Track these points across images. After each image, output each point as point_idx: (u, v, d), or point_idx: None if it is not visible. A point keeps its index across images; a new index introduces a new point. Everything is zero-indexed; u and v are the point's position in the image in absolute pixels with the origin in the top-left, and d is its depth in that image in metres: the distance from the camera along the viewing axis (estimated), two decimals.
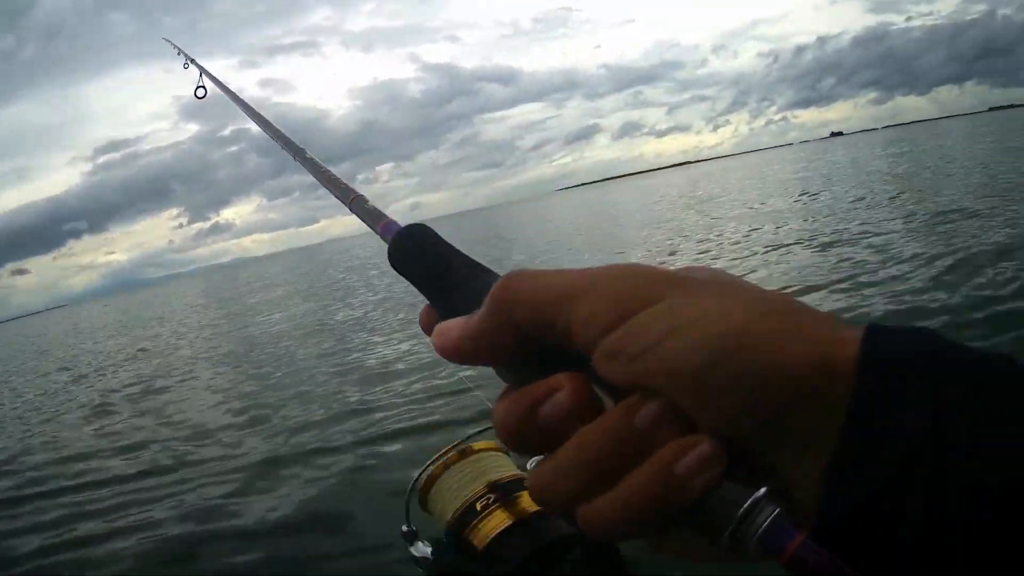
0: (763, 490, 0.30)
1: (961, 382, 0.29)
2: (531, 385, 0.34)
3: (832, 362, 0.30)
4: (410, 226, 0.49)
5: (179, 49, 1.76)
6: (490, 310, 0.36)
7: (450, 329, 0.38)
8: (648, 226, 18.69)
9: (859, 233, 9.11)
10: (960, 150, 25.42)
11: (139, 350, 14.77)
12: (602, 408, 0.33)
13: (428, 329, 0.42)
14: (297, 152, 0.78)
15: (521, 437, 0.34)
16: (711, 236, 12.82)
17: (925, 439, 0.28)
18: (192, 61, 1.63)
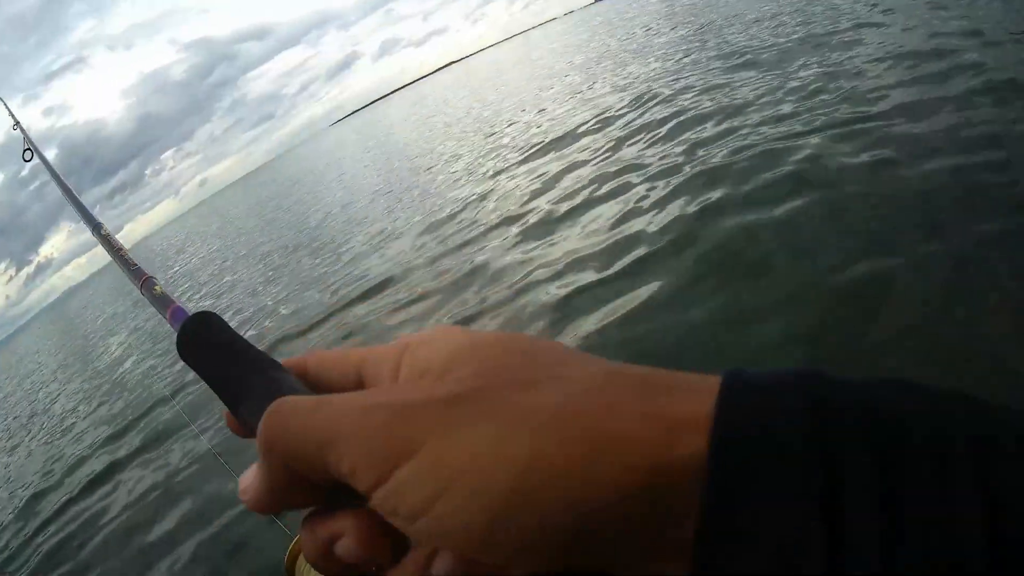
0: None
1: (852, 449, 0.23)
2: (322, 520, 0.32)
3: (669, 468, 0.24)
4: (196, 315, 0.46)
5: (11, 112, 1.85)
6: (264, 460, 0.32)
7: (246, 490, 0.34)
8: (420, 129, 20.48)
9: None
10: None
11: None
12: (401, 539, 0.30)
13: (239, 433, 0.40)
14: (95, 227, 0.79)
15: (331, 570, 0.32)
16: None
17: (801, 534, 0.22)
18: (18, 124, 1.76)
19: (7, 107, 1.83)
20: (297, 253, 10.52)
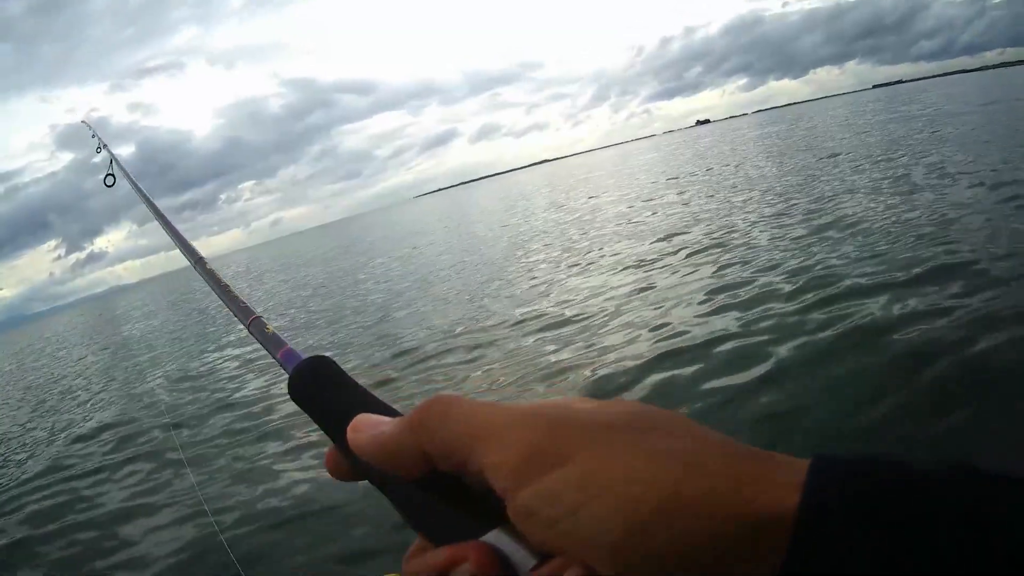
0: None
1: (912, 527, 0.27)
2: (437, 551, 0.35)
3: (769, 517, 0.28)
4: (312, 359, 0.49)
5: (95, 133, 1.97)
6: (407, 431, 0.37)
7: (368, 425, 0.39)
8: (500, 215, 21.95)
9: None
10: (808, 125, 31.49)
11: None
12: (512, 568, 0.33)
13: (336, 474, 0.44)
14: (198, 261, 0.80)
15: None
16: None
17: None
18: (105, 147, 1.79)
19: (92, 129, 1.97)
20: (358, 315, 10.71)
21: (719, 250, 7.68)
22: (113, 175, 1.76)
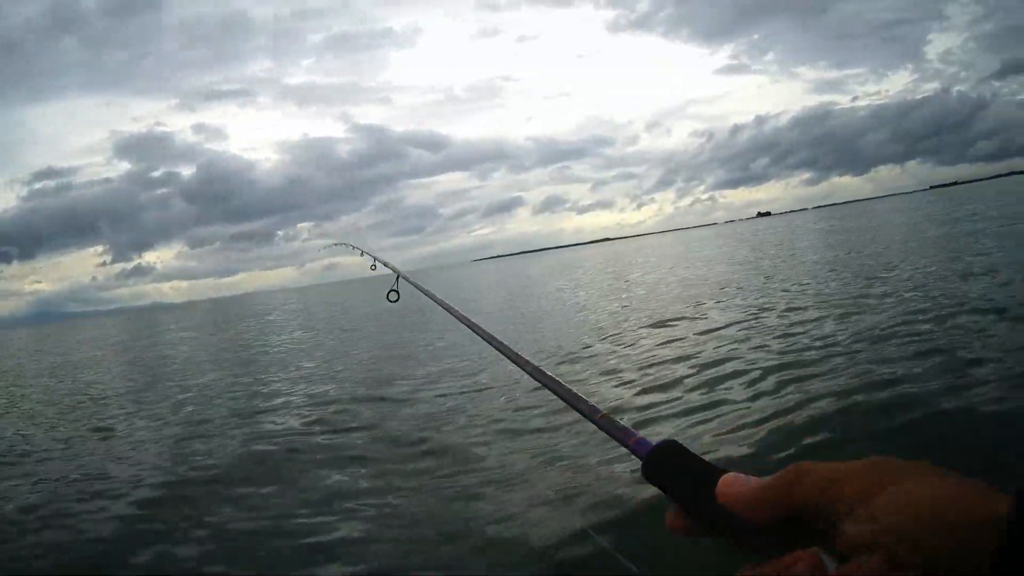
0: None
1: None
2: (776, 560, 0.51)
3: (993, 517, 0.44)
4: (663, 445, 0.66)
5: (362, 250, 2.97)
6: (776, 483, 0.54)
7: (739, 484, 0.57)
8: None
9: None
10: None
11: None
12: (825, 568, 0.49)
13: (677, 528, 0.62)
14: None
15: None
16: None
17: None
18: (376, 259, 2.75)
19: (358, 247, 2.86)
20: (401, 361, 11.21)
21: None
22: (397, 291, 2.04)
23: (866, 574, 0.46)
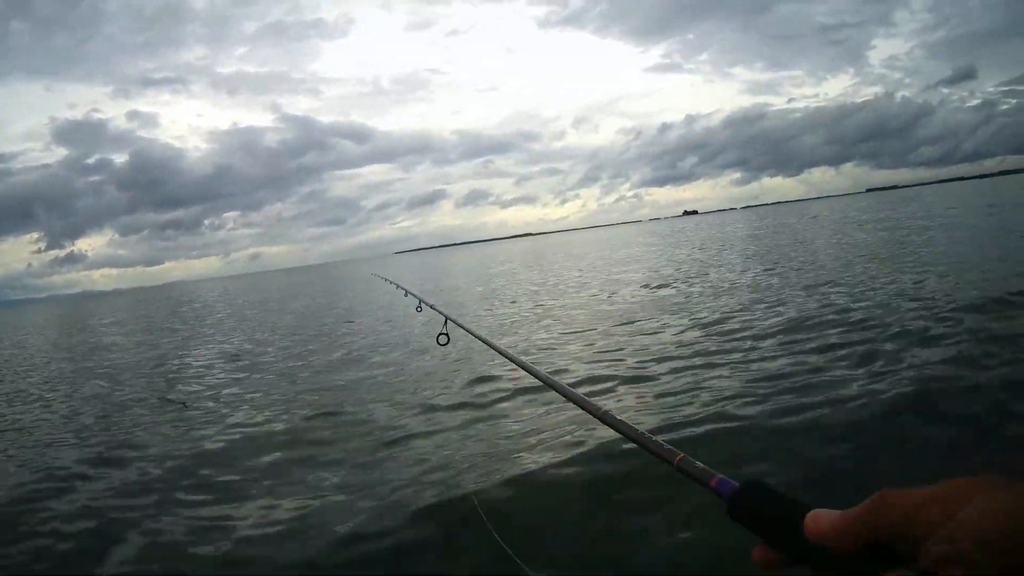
0: None
1: None
2: None
3: None
4: (746, 486, 0.71)
5: (406, 291, 4.25)
6: (863, 513, 0.56)
7: (825, 519, 0.59)
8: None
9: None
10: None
11: None
12: None
13: (765, 563, 0.66)
14: (605, 413, 1.02)
15: None
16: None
17: None
18: (431, 307, 3.17)
19: (413, 295, 3.56)
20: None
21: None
22: (447, 334, 2.21)
23: None
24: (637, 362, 7.51)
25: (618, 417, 0.96)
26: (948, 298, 8.42)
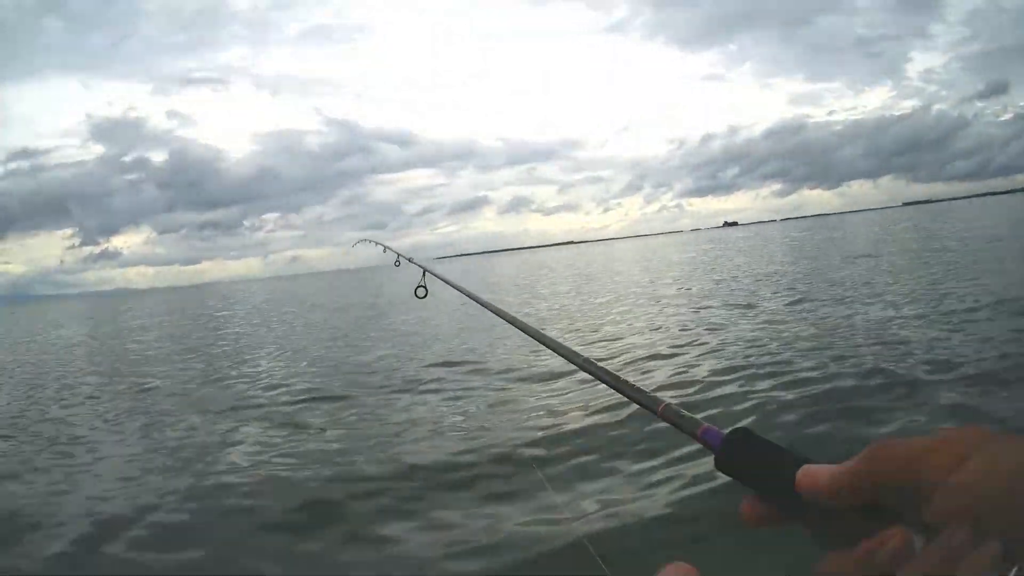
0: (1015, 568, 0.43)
1: None
2: (867, 541, 0.49)
3: None
4: (735, 433, 0.63)
5: (384, 247, 3.12)
6: (861, 466, 0.52)
7: (819, 473, 0.55)
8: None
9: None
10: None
11: None
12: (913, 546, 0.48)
13: (753, 519, 0.60)
14: (586, 360, 0.92)
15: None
16: None
17: None
18: (400, 255, 2.69)
19: (390, 249, 2.87)
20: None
21: None
22: (424, 287, 2.07)
23: (955, 547, 0.45)
24: None
25: (599, 365, 0.89)
26: None
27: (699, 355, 7.99)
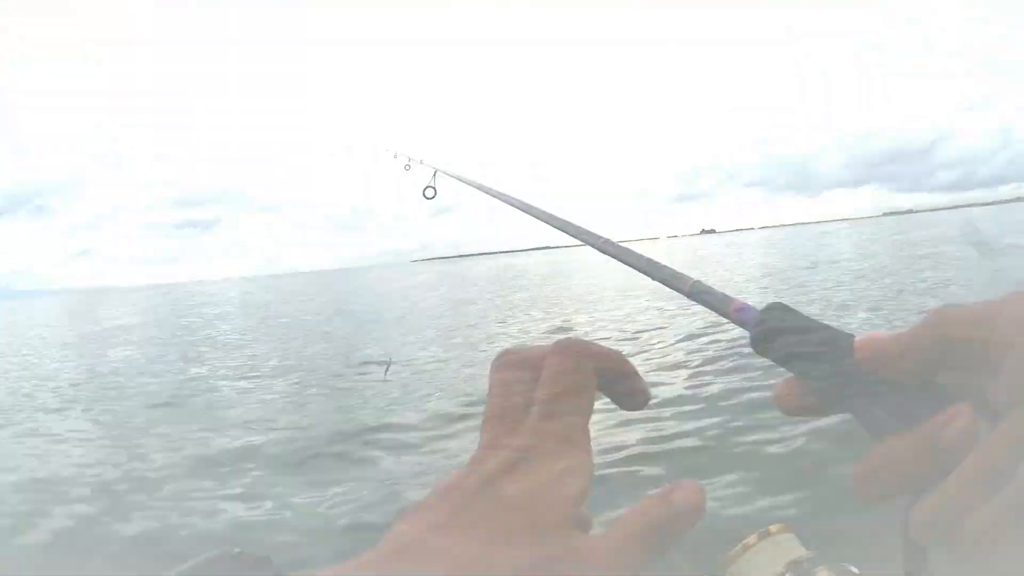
0: None
1: None
2: (931, 418, 0.43)
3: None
4: (769, 308, 0.54)
5: (395, 153, 2.22)
6: (926, 328, 0.44)
7: (880, 339, 0.46)
8: None
9: None
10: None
11: None
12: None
13: (787, 401, 0.50)
14: (611, 246, 0.81)
15: (901, 476, 0.43)
16: None
17: None
18: (410, 159, 2.07)
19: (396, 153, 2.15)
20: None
21: None
22: (433, 187, 1.97)
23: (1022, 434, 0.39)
24: None
25: (620, 245, 0.82)
26: None
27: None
